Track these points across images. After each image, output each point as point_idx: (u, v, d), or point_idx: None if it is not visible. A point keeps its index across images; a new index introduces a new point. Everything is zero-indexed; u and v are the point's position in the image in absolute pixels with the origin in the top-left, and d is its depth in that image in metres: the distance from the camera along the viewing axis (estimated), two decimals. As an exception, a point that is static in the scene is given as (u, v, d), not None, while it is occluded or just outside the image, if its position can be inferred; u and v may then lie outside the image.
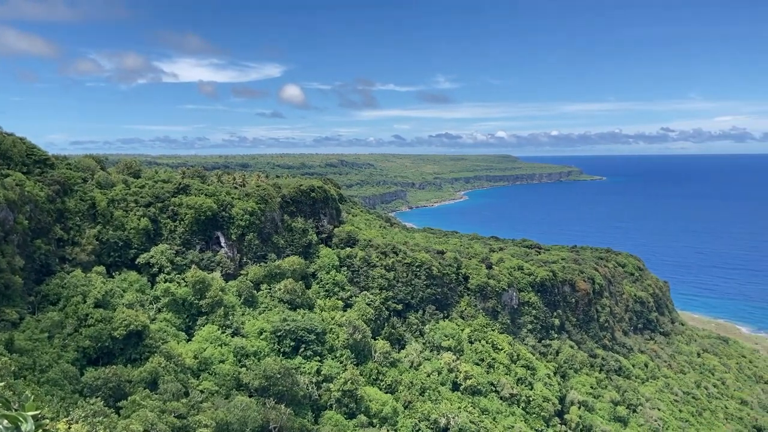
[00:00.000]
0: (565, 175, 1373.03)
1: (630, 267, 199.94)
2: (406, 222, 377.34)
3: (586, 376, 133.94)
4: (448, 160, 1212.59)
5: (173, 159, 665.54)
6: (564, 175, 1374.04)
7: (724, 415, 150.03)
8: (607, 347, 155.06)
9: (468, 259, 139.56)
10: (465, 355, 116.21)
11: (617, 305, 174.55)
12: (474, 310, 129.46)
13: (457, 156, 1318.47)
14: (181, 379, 75.07)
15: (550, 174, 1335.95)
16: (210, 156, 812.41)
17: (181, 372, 76.38)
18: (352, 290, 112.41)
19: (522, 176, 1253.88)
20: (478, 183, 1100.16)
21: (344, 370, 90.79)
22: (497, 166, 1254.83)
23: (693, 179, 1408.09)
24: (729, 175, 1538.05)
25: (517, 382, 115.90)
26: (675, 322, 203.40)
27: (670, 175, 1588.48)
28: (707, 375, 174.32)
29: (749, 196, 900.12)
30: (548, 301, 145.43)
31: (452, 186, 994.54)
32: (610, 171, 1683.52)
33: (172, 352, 76.91)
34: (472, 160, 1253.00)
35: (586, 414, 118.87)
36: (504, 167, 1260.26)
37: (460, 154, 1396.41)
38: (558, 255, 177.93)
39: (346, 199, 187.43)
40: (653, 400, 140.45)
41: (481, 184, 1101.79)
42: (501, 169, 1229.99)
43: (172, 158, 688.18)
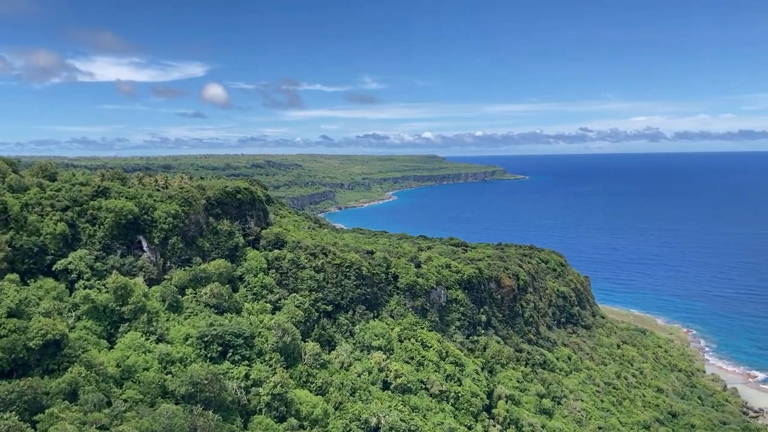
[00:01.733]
0: (489, 175, 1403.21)
1: (552, 263, 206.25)
2: (336, 223, 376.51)
3: (512, 371, 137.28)
4: (376, 160, 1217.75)
5: (92, 161, 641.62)
6: (488, 174, 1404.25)
7: (642, 403, 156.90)
8: (532, 342, 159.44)
9: (397, 259, 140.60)
10: (395, 354, 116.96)
11: (541, 300, 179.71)
12: (403, 308, 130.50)
13: (385, 156, 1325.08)
14: (102, 388, 72.28)
15: (475, 174, 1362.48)
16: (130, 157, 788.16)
17: (103, 381, 73.56)
18: (281, 293, 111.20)
19: (448, 176, 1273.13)
20: (406, 183, 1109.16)
21: (273, 373, 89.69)
22: (424, 166, 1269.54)
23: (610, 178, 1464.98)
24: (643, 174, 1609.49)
25: (446, 378, 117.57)
26: (596, 316, 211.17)
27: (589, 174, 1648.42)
28: (626, 365, 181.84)
29: (661, 193, 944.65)
30: (475, 298, 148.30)
31: (381, 186, 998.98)
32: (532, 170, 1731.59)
33: (93, 361, 73.93)
34: (399, 161, 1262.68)
35: (513, 407, 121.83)
36: (431, 167, 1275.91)
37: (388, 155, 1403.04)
38: (484, 253, 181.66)
39: (274, 200, 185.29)
40: (576, 391, 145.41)
41: (409, 184, 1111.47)
42: (428, 169, 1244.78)
43: (90, 160, 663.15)
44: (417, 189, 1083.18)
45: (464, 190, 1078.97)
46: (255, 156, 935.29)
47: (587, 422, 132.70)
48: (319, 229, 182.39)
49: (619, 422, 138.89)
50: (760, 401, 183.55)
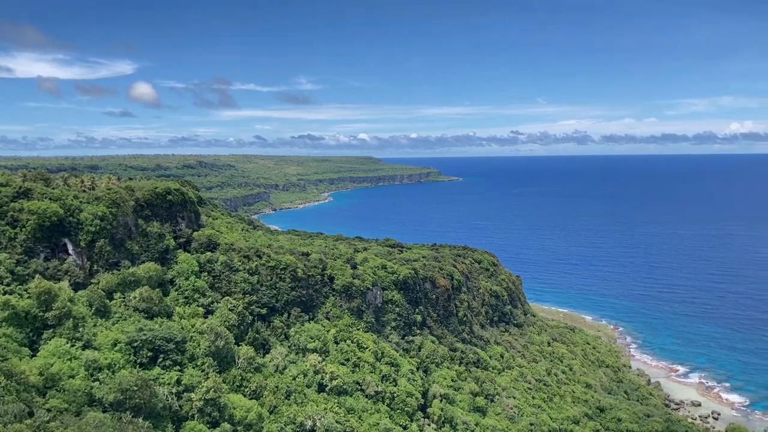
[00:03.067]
0: (424, 176, 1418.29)
1: (485, 263, 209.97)
2: (270, 224, 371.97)
3: (447, 370, 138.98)
4: (311, 161, 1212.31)
5: (12, 161, 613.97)
6: (423, 176, 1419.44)
7: (571, 399, 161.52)
8: (466, 340, 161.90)
9: (333, 260, 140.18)
10: (331, 356, 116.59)
11: (474, 300, 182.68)
12: (339, 310, 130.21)
13: (320, 157, 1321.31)
14: (24, 398, 69.07)
15: (410, 175, 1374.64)
16: (54, 157, 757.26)
17: (24, 391, 70.32)
18: (214, 296, 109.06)
19: (384, 177, 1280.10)
20: (342, 184, 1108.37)
21: (206, 378, 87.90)
22: (360, 167, 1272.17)
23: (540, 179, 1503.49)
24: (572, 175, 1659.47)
25: (381, 379, 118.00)
26: (527, 314, 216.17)
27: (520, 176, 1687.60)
28: (557, 362, 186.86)
29: (588, 194, 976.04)
30: (410, 299, 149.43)
31: (316, 187, 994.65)
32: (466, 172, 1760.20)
33: (14, 370, 70.53)
34: (335, 162, 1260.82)
35: (448, 406, 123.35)
36: (367, 168, 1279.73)
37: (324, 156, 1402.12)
38: (419, 253, 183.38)
39: (206, 201, 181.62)
40: (509, 389, 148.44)
41: (345, 185, 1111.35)
42: (364, 171, 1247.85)
43: (10, 160, 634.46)
44: (353, 190, 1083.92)
45: (400, 191, 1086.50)
46: (186, 156, 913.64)
47: (519, 419, 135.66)
48: (253, 231, 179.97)
49: (549, 418, 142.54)
50: (680, 394, 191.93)
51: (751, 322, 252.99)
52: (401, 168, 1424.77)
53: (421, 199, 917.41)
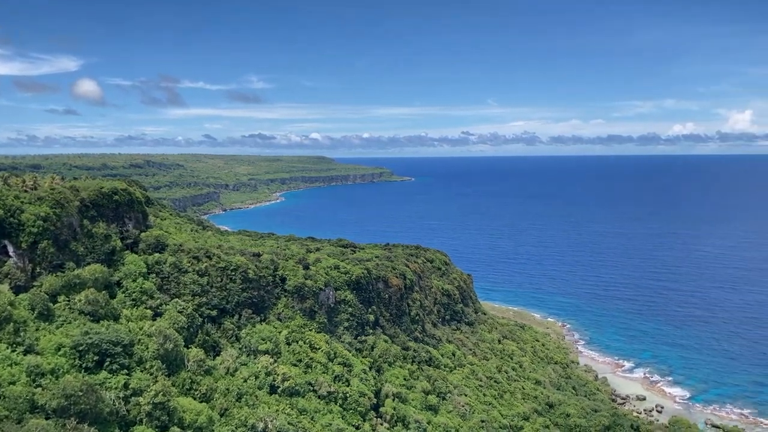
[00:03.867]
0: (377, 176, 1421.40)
1: (438, 262, 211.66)
2: (220, 225, 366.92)
3: (399, 369, 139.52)
4: (262, 160, 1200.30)
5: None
6: (376, 176, 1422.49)
7: (521, 396, 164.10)
8: (419, 339, 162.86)
9: (285, 261, 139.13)
10: (283, 357, 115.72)
11: (427, 299, 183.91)
12: (291, 311, 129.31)
13: (272, 157, 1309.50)
14: (-39, 407, 66.53)
15: (363, 175, 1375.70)
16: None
17: (-38, 399, 67.71)
18: (162, 298, 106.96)
19: (337, 177, 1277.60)
20: (294, 184, 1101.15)
21: (155, 381, 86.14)
22: (313, 167, 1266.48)
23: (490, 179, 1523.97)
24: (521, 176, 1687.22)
25: (334, 379, 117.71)
26: (478, 312, 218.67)
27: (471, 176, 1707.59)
28: (507, 359, 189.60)
29: (537, 194, 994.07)
30: (363, 298, 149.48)
31: (268, 187, 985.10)
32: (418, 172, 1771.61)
33: (-50, 378, 67.95)
34: (287, 161, 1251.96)
35: (400, 405, 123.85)
36: (319, 168, 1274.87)
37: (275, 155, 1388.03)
38: (372, 253, 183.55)
39: (154, 201, 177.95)
40: (461, 386, 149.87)
41: (297, 185, 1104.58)
42: (316, 170, 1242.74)
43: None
44: (305, 190, 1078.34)
45: (353, 191, 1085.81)
46: (134, 155, 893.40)
47: (471, 416, 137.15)
48: (202, 232, 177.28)
49: (500, 415, 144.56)
50: (626, 388, 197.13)
51: (691, 319, 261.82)
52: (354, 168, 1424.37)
53: (374, 199, 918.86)
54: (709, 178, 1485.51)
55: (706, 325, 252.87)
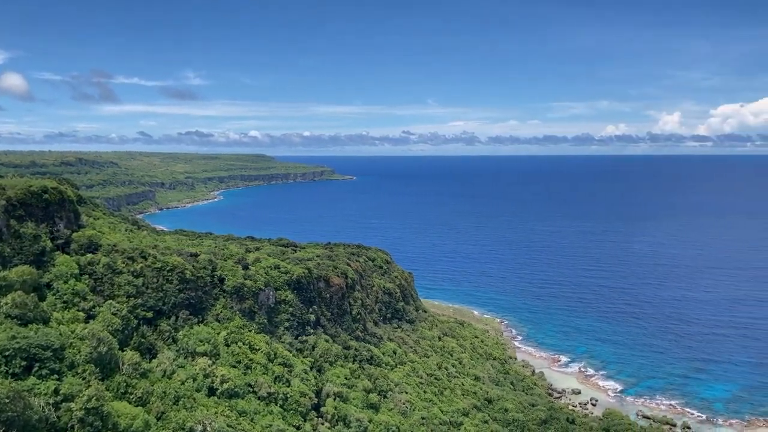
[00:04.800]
0: (318, 175, 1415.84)
1: (379, 261, 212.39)
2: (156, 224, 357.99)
3: (340, 368, 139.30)
4: (200, 158, 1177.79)
5: None
6: (317, 174, 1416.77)
7: (461, 392, 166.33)
8: (360, 338, 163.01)
9: (223, 261, 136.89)
10: (221, 359, 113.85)
11: (368, 297, 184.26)
12: (230, 312, 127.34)
13: (210, 155, 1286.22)
14: None
15: (304, 174, 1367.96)
16: None
17: None
18: (96, 300, 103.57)
19: (277, 176, 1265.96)
20: (232, 182, 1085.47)
21: (87, 386, 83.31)
22: (252, 165, 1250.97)
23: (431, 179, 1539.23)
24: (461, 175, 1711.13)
25: (274, 380, 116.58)
26: (419, 310, 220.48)
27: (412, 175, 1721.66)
28: (447, 356, 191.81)
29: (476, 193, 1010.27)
30: (304, 298, 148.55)
31: (206, 186, 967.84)
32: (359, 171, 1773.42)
33: None
34: (226, 159, 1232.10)
35: (341, 404, 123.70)
36: (259, 167, 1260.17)
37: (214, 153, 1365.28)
38: (313, 252, 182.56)
39: (87, 201, 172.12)
40: (402, 384, 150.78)
41: (236, 184, 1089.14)
42: (256, 169, 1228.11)
43: None
44: (245, 189, 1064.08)
45: (294, 190, 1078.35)
46: (65, 153, 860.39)
47: (411, 413, 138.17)
48: (137, 231, 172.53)
49: (440, 411, 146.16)
50: (562, 382, 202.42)
51: (623, 315, 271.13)
52: (294, 166, 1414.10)
53: (315, 198, 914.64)
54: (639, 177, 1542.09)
55: (636, 320, 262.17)
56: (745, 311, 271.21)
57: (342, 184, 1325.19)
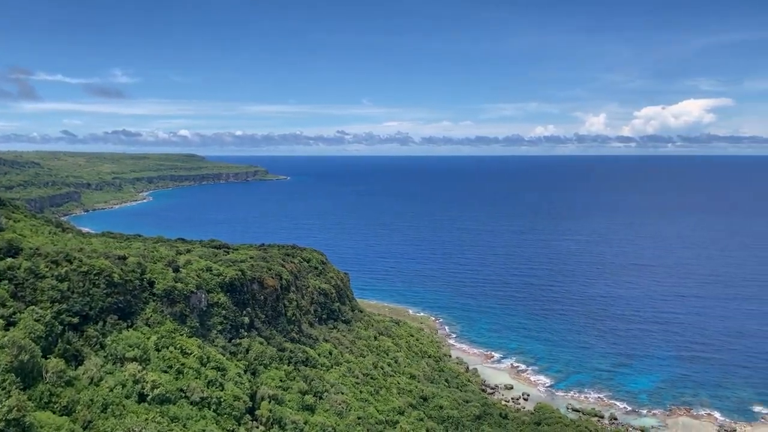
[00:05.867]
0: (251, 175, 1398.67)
1: (314, 261, 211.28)
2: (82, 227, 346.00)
3: (275, 370, 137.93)
4: (128, 158, 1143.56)
5: None
6: (250, 174, 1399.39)
7: (397, 390, 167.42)
8: (295, 340, 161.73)
9: (153, 263, 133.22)
10: (152, 364, 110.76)
11: (303, 299, 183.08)
12: (161, 315, 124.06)
13: (138, 155, 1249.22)
14: None
15: (236, 174, 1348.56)
16: None
17: None
18: (16, 306, 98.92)
19: (209, 176, 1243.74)
20: (162, 183, 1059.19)
21: (8, 396, 79.56)
22: (183, 165, 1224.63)
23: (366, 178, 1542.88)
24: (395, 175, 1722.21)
25: (207, 384, 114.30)
26: (355, 310, 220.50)
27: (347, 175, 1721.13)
28: (383, 356, 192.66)
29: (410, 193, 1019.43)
30: (237, 300, 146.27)
31: (134, 186, 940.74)
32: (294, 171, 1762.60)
33: None
34: (155, 159, 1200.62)
35: (276, 407, 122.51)
36: (190, 167, 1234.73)
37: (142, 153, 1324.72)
38: (246, 254, 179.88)
39: (6, 202, 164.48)
40: (337, 385, 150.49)
41: (165, 184, 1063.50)
42: (187, 169, 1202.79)
43: None
44: (175, 189, 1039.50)
45: (226, 191, 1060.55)
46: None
47: (348, 414, 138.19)
48: (62, 234, 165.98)
49: (376, 410, 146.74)
50: (495, 378, 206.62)
51: (552, 311, 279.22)
52: (226, 166, 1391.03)
53: (248, 199, 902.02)
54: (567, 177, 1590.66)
55: (564, 317, 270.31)
56: (666, 307, 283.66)
57: (276, 184, 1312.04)
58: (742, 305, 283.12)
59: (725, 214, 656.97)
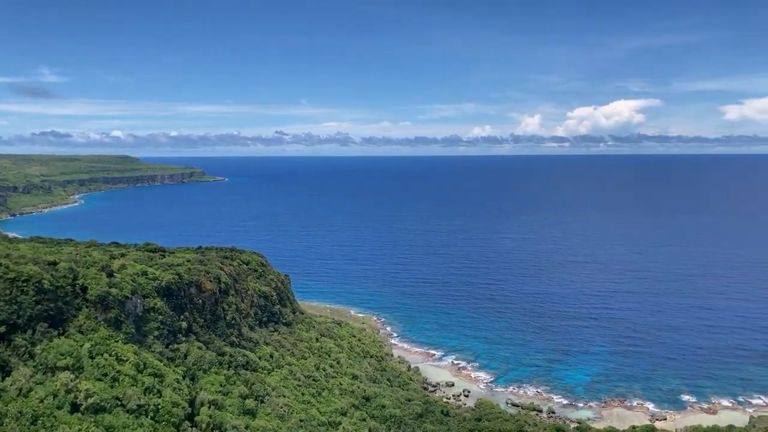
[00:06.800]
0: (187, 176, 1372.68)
1: (254, 264, 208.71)
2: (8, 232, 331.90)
3: (215, 375, 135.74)
4: (57, 160, 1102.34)
5: None
6: (186, 176, 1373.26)
7: (339, 392, 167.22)
8: (235, 344, 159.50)
9: (86, 269, 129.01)
10: (86, 372, 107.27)
11: (243, 302, 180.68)
12: (95, 322, 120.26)
13: (68, 156, 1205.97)
14: None
15: (172, 175, 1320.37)
16: None
17: None
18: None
19: (143, 177, 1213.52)
20: (95, 185, 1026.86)
21: (-71, 411, 75.83)
22: (116, 167, 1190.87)
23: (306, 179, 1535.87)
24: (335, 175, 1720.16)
25: (144, 391, 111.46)
26: (296, 312, 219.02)
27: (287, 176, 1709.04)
28: (325, 357, 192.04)
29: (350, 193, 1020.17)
30: (175, 305, 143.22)
31: (64, 189, 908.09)
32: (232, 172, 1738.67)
33: None
34: (86, 161, 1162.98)
35: (216, 412, 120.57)
36: (123, 168, 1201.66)
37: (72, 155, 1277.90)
38: (183, 257, 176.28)
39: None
40: (279, 388, 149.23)
41: (98, 187, 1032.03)
42: (120, 171, 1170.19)
43: None
44: (108, 192, 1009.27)
45: (161, 193, 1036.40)
46: None
47: (290, 417, 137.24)
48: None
49: (318, 412, 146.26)
50: (437, 376, 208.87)
51: (490, 309, 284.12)
52: (162, 168, 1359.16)
53: (184, 201, 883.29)
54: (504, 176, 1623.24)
55: (502, 314, 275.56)
56: (599, 302, 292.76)
57: (213, 185, 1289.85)
58: (671, 300, 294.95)
59: (654, 212, 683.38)
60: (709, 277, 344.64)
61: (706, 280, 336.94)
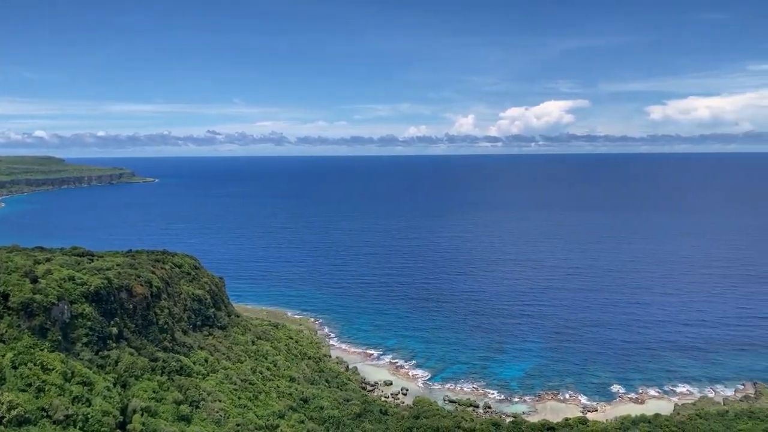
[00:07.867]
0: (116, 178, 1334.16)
1: (186, 267, 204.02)
2: None
3: (147, 381, 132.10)
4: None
5: None
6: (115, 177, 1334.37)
7: (276, 394, 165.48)
8: (168, 349, 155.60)
9: (8, 275, 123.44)
10: (8, 383, 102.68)
11: (176, 306, 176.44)
12: (17, 331, 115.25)
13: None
14: None
15: (100, 176, 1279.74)
16: None
17: None
18: None
19: (69, 179, 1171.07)
20: (16, 188, 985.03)
21: None
22: (39, 168, 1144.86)
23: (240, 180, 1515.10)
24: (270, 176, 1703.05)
25: (72, 401, 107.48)
26: (231, 315, 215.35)
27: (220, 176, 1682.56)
28: (261, 360, 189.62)
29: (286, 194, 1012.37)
30: (104, 310, 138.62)
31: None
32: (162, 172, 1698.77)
33: None
34: (7, 162, 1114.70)
35: (150, 419, 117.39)
36: (47, 170, 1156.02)
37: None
38: (113, 261, 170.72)
39: None
40: (214, 392, 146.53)
41: (20, 189, 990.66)
42: (44, 172, 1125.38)
43: None
44: (31, 194, 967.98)
45: (88, 195, 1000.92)
46: None
47: (226, 421, 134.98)
48: None
49: (256, 416, 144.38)
50: (375, 375, 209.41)
51: (426, 308, 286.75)
52: (89, 169, 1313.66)
53: (113, 203, 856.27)
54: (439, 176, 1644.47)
55: (438, 312, 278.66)
56: (531, 299, 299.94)
57: (143, 186, 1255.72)
58: (600, 295, 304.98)
59: (583, 210, 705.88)
60: (635, 272, 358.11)
61: (633, 275, 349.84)
